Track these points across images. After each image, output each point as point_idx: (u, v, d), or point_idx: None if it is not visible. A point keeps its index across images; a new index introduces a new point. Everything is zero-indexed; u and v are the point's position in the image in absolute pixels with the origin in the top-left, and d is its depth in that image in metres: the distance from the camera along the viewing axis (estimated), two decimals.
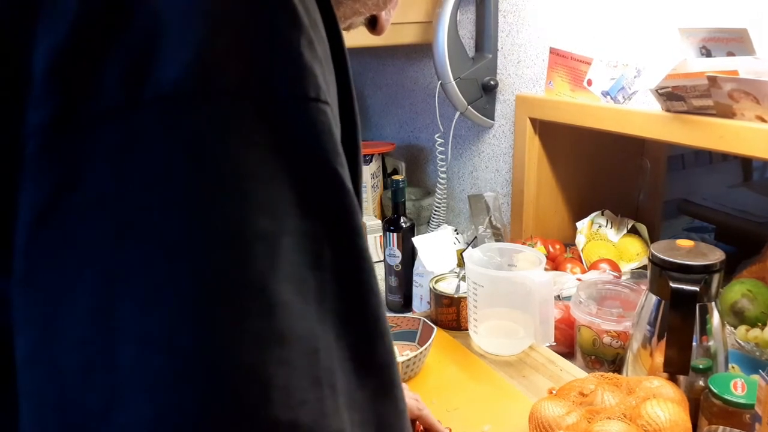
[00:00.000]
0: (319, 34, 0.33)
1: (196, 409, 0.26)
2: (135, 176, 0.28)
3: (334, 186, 0.32)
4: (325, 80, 0.33)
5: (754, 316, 0.95)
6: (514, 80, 1.35)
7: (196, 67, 0.28)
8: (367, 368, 0.32)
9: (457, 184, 1.61)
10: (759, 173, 1.30)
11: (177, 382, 0.26)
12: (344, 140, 0.35)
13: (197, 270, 0.27)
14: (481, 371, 0.99)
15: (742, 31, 0.87)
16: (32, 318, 0.28)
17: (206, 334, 0.27)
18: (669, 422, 0.71)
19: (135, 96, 0.28)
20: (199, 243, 0.28)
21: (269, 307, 0.28)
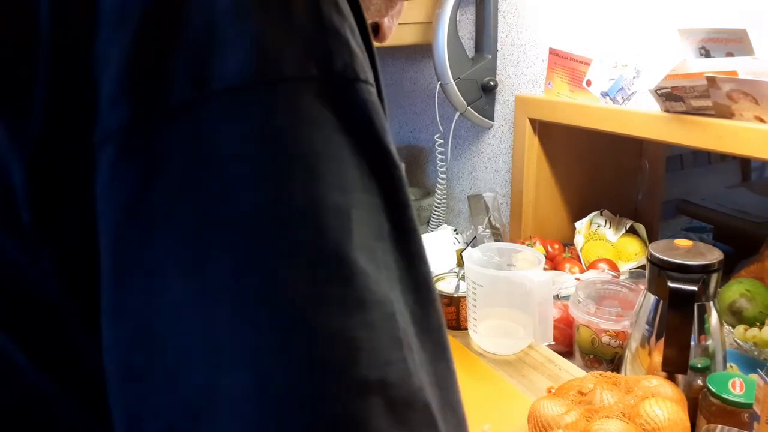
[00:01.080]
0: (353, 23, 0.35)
1: (292, 376, 0.28)
2: (212, 164, 0.29)
3: (388, 161, 0.33)
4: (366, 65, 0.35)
5: (752, 315, 0.95)
6: (514, 81, 1.35)
7: (255, 55, 0.30)
8: (425, 332, 0.33)
9: (456, 184, 1.61)
10: (757, 173, 1.31)
11: (273, 354, 0.28)
12: None
13: (280, 245, 0.29)
14: (480, 370, 0.99)
15: (741, 31, 0.88)
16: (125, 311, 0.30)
17: (294, 304, 0.28)
18: (667, 421, 0.71)
19: (203, 89, 0.29)
20: (278, 219, 0.29)
21: (349, 275, 0.29)
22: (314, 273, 0.29)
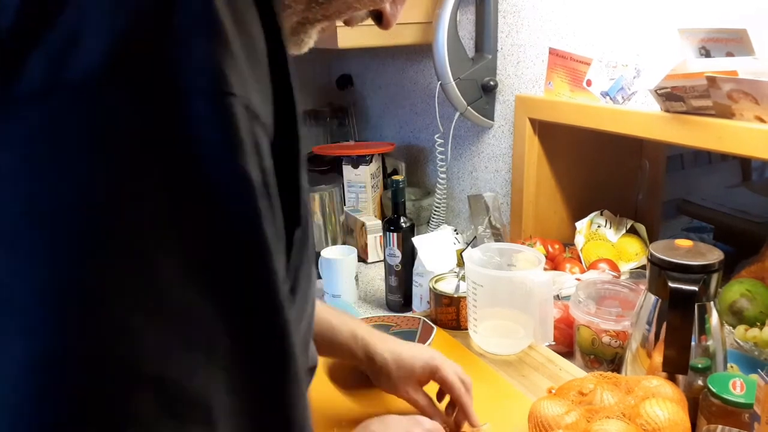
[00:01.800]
0: (254, 53, 0.36)
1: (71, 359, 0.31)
2: (41, 157, 0.31)
3: (240, 184, 0.34)
4: (254, 96, 0.35)
5: (752, 315, 0.95)
6: (514, 81, 1.35)
7: (107, 56, 0.31)
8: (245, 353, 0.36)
9: (456, 184, 1.61)
10: (758, 173, 1.31)
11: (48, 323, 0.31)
12: (283, 157, 0.38)
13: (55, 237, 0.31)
14: (480, 371, 0.99)
15: (741, 31, 0.87)
16: None
17: (78, 295, 0.31)
18: (668, 421, 0.71)
19: (51, 82, 0.31)
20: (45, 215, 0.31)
21: (147, 273, 0.32)
22: (100, 263, 0.31)
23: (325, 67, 2.19)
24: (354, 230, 1.59)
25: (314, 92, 2.19)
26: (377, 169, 1.68)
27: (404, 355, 0.84)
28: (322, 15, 0.53)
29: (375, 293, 1.40)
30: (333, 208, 1.51)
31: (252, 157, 0.34)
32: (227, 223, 0.34)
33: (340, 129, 2.08)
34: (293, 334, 0.38)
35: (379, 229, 1.52)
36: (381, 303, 1.35)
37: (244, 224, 0.35)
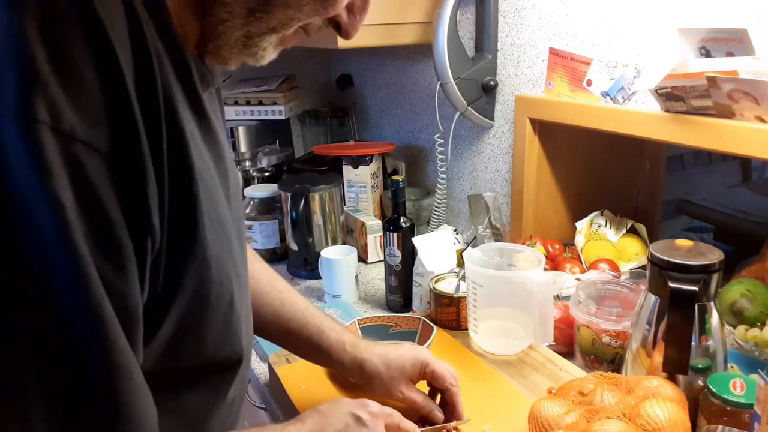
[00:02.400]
0: (77, 83, 0.41)
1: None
2: None
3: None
4: (73, 120, 0.41)
5: (753, 315, 0.95)
6: (514, 80, 1.35)
7: None
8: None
9: (456, 184, 1.61)
10: (758, 173, 1.31)
11: None
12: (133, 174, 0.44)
13: None
14: (480, 371, 0.99)
15: (741, 31, 0.87)
16: None
17: None
18: (668, 421, 0.71)
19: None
20: None
21: None
22: None
23: (325, 67, 2.19)
24: (354, 230, 1.59)
25: (314, 92, 2.19)
26: (377, 169, 1.68)
27: (392, 355, 0.84)
28: (266, 27, 0.54)
29: (375, 293, 1.40)
30: (333, 208, 1.51)
31: (61, 176, 0.40)
32: (31, 234, 0.40)
33: (340, 129, 2.08)
34: (113, 330, 0.44)
35: (379, 229, 1.52)
36: (381, 303, 1.35)
37: (49, 235, 0.40)
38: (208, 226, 0.52)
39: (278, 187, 1.54)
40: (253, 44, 0.55)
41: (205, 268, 0.53)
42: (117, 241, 0.44)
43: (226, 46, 0.54)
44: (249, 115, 1.85)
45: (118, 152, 0.43)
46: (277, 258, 1.60)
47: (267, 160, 1.82)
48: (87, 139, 0.41)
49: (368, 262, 1.55)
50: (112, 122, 0.43)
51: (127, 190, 0.44)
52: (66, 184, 0.41)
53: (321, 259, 1.35)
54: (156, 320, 0.51)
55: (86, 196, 0.42)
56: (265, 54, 0.56)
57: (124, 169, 0.44)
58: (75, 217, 0.41)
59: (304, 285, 1.46)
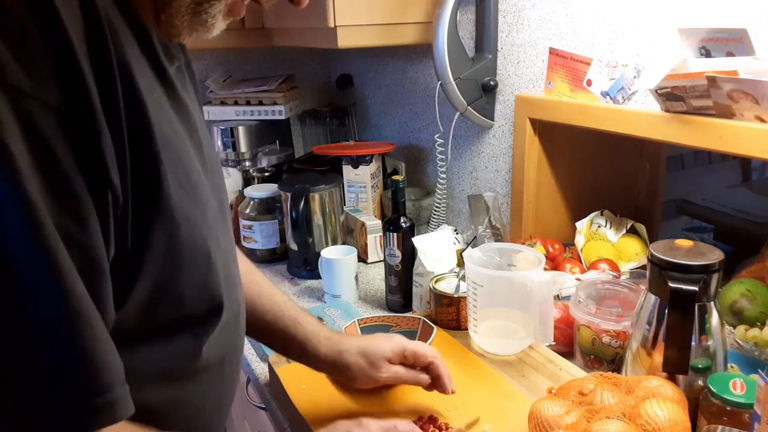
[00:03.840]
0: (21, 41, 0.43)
1: None
2: None
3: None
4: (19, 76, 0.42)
5: (753, 315, 0.95)
6: (514, 80, 1.35)
7: None
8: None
9: (457, 184, 1.61)
10: (758, 173, 1.30)
11: None
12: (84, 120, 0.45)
13: None
14: (480, 371, 0.99)
15: (741, 31, 0.87)
16: None
17: None
18: (668, 422, 0.71)
19: None
20: None
21: None
22: None
23: (325, 67, 2.19)
24: (354, 230, 1.59)
25: (314, 92, 2.19)
26: (377, 169, 1.68)
27: (370, 345, 0.85)
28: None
29: (375, 293, 1.40)
30: (333, 208, 1.51)
31: (11, 128, 0.41)
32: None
33: (340, 129, 2.08)
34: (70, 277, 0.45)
35: (379, 229, 1.52)
36: (381, 303, 1.35)
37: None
38: (174, 186, 0.54)
39: (278, 187, 1.54)
40: (202, 11, 0.56)
41: (174, 227, 0.54)
42: (74, 193, 0.45)
43: (177, 15, 0.56)
44: (249, 115, 1.85)
45: (69, 107, 0.44)
46: (277, 258, 1.60)
47: (267, 160, 1.82)
48: (35, 93, 0.43)
49: (368, 262, 1.55)
50: (60, 79, 0.44)
51: (81, 145, 0.45)
52: (17, 135, 0.42)
53: (321, 259, 1.35)
54: (129, 278, 0.52)
55: (38, 148, 0.43)
56: (215, 23, 0.58)
57: (77, 124, 0.45)
58: (26, 167, 0.42)
59: (304, 285, 1.46)
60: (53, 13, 0.44)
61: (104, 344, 0.49)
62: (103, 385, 0.48)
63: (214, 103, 1.87)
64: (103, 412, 0.48)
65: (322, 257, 1.34)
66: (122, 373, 0.50)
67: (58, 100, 0.44)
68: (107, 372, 0.48)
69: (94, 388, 0.47)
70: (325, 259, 1.33)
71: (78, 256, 0.46)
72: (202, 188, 0.60)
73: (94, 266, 0.48)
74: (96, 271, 0.48)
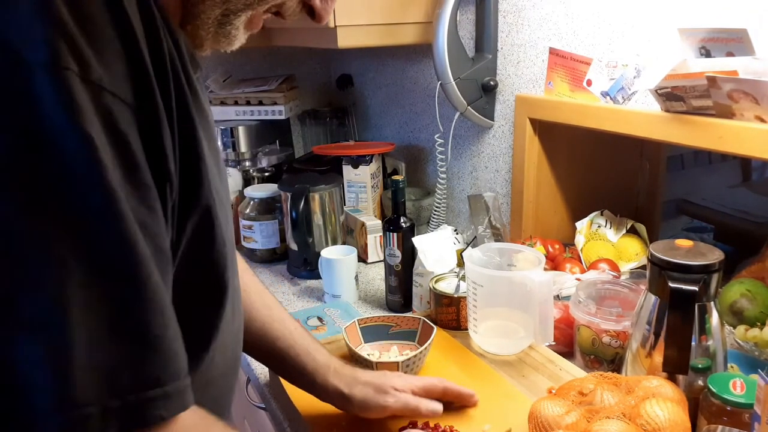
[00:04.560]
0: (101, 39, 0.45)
1: None
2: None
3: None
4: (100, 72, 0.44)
5: (753, 315, 0.95)
6: (514, 80, 1.35)
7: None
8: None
9: (457, 184, 1.61)
10: (758, 173, 1.30)
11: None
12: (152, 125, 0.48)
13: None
14: (480, 371, 0.99)
15: (741, 31, 0.87)
16: None
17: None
18: (668, 422, 0.71)
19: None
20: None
21: None
22: None
23: (325, 67, 2.19)
24: (354, 230, 1.59)
25: (314, 92, 2.19)
26: (377, 169, 1.68)
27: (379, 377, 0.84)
28: (243, 4, 0.57)
29: (375, 293, 1.40)
30: (333, 208, 1.51)
31: (94, 121, 0.43)
32: (66, 168, 0.43)
33: (340, 129, 2.08)
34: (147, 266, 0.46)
35: (379, 229, 1.52)
36: (381, 303, 1.35)
37: (84, 173, 0.43)
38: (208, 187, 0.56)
39: (278, 187, 1.54)
40: (228, 22, 0.58)
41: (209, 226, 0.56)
42: (146, 184, 0.48)
43: (204, 26, 0.57)
44: (249, 115, 1.85)
45: (139, 104, 0.47)
46: (277, 258, 1.61)
47: (267, 160, 1.82)
48: (114, 89, 0.45)
49: (368, 262, 1.55)
50: (132, 77, 0.47)
51: (148, 139, 0.48)
52: (99, 129, 0.44)
53: (321, 259, 1.35)
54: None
55: (117, 142, 0.45)
56: (238, 34, 0.60)
57: (145, 119, 0.47)
58: (108, 158, 0.44)
59: (304, 285, 1.46)
60: (123, 12, 0.46)
61: (174, 333, 0.50)
62: (174, 372, 0.49)
63: (214, 103, 1.87)
64: (174, 400, 0.49)
65: (322, 257, 1.34)
66: (186, 363, 0.51)
67: (131, 97, 0.46)
68: (177, 360, 0.49)
69: (167, 374, 0.48)
70: (325, 259, 1.33)
71: (152, 246, 0.48)
72: (223, 195, 0.62)
73: (164, 255, 0.49)
74: (165, 260, 0.50)
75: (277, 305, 0.88)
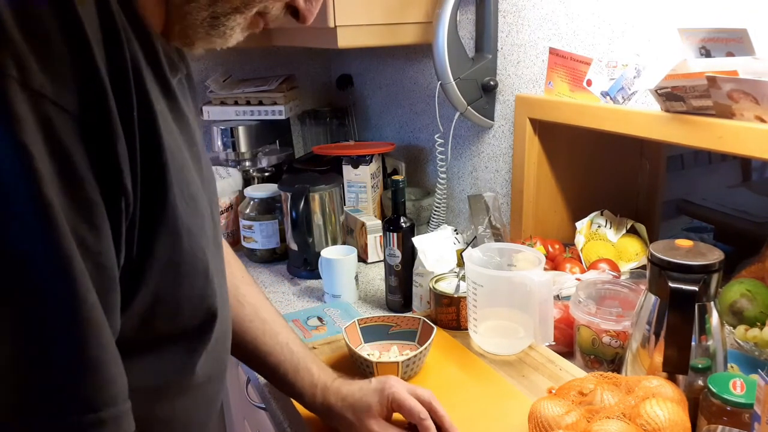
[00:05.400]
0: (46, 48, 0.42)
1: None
2: None
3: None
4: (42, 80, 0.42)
5: (753, 315, 0.95)
6: (514, 80, 1.35)
7: None
8: None
9: (457, 184, 1.61)
10: (758, 173, 1.30)
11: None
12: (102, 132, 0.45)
13: None
14: (480, 371, 0.99)
15: (741, 31, 0.87)
16: None
17: None
18: (668, 421, 0.71)
19: None
20: None
21: None
22: None
23: (325, 67, 2.19)
24: (354, 230, 1.59)
25: (314, 92, 2.19)
26: (377, 169, 1.68)
27: (356, 397, 0.81)
28: (230, 8, 0.56)
29: (375, 293, 1.40)
30: (333, 208, 1.51)
31: (32, 130, 0.41)
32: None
33: (340, 129, 2.08)
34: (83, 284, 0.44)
35: (379, 229, 1.52)
36: (381, 303, 1.35)
37: (17, 184, 0.41)
38: (179, 197, 0.54)
39: (278, 187, 1.54)
40: (220, 24, 0.56)
41: (176, 238, 0.54)
42: (89, 199, 0.45)
43: (192, 27, 0.56)
44: (249, 115, 1.85)
45: (87, 114, 0.44)
46: (277, 258, 1.60)
47: (267, 160, 1.82)
48: (56, 98, 0.43)
49: (368, 262, 1.55)
50: (80, 86, 0.44)
51: (98, 152, 0.45)
52: (37, 139, 0.42)
53: (321, 259, 1.35)
54: (132, 288, 0.52)
55: (57, 153, 0.43)
56: (233, 34, 0.58)
57: (94, 130, 0.45)
58: (46, 170, 0.42)
59: (304, 285, 1.46)
60: (74, 17, 0.44)
61: (112, 356, 0.48)
62: (109, 397, 0.47)
63: (214, 103, 1.87)
64: (108, 426, 0.47)
65: (322, 257, 1.34)
66: (126, 387, 0.50)
67: (76, 107, 0.44)
68: (114, 385, 0.48)
69: (101, 400, 0.46)
70: (325, 259, 1.33)
71: (91, 263, 0.45)
72: (200, 199, 0.59)
73: (106, 274, 0.47)
74: (107, 279, 0.47)
75: (272, 318, 0.87)
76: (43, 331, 0.44)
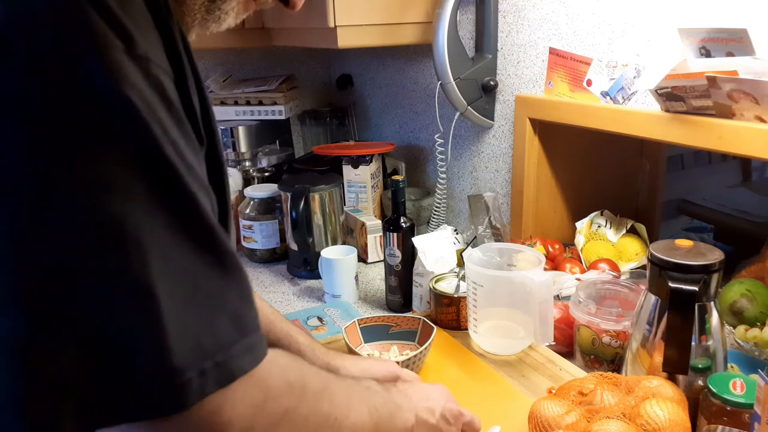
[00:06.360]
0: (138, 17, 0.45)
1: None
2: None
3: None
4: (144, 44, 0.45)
5: (753, 315, 0.95)
6: (514, 80, 1.35)
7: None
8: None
9: (457, 184, 1.61)
10: (758, 173, 1.30)
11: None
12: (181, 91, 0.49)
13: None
14: (480, 371, 0.99)
15: (741, 31, 0.87)
16: None
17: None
18: (668, 421, 0.71)
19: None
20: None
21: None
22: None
23: (325, 67, 2.19)
24: (354, 230, 1.59)
25: (314, 92, 2.19)
26: (377, 169, 1.68)
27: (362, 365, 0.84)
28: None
29: (375, 293, 1.40)
30: (333, 208, 1.51)
31: (152, 94, 0.44)
32: (128, 141, 0.43)
33: (340, 129, 2.08)
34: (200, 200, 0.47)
35: (379, 229, 1.52)
36: (381, 303, 1.35)
37: (153, 145, 0.44)
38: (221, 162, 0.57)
39: (278, 187, 1.54)
40: (216, 8, 0.58)
41: (225, 204, 0.57)
42: (197, 149, 0.49)
43: (190, 12, 0.57)
44: (249, 115, 1.85)
45: (177, 76, 0.48)
46: (277, 258, 1.60)
47: (267, 160, 1.82)
48: (158, 62, 0.46)
49: (368, 262, 1.55)
50: (166, 48, 0.48)
51: (186, 106, 0.49)
52: (155, 98, 0.45)
53: (321, 259, 1.35)
54: None
55: (172, 109, 0.46)
56: (227, 18, 0.60)
57: (183, 91, 0.49)
58: (172, 127, 0.45)
59: (304, 285, 1.46)
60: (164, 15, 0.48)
61: (247, 281, 0.51)
62: (253, 324, 0.50)
63: (214, 103, 1.87)
64: (257, 349, 0.50)
65: (322, 257, 1.34)
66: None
67: (168, 66, 0.47)
68: (253, 309, 0.51)
69: (248, 328, 0.49)
70: (325, 259, 1.33)
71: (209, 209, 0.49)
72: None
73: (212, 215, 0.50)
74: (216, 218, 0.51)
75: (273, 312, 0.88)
76: (196, 276, 0.46)
